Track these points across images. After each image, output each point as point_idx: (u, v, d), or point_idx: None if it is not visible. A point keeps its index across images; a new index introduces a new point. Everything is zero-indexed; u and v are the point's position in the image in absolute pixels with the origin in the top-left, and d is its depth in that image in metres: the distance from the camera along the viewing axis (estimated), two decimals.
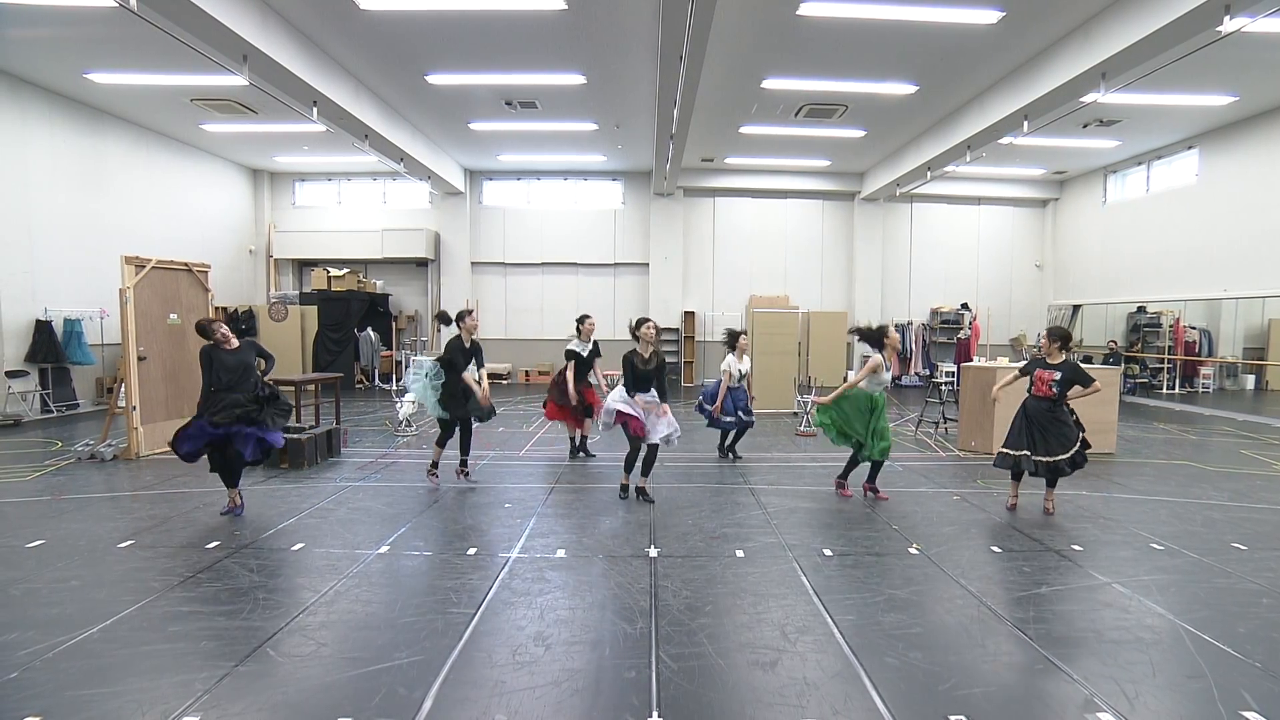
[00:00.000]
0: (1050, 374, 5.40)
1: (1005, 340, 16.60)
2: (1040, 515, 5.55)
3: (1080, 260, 15.82)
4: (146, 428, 7.55)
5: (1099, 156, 14.13)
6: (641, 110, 11.37)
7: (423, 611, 3.61)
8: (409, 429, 9.17)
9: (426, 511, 5.54)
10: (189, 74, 9.52)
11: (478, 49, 8.86)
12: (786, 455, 8.01)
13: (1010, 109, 9.57)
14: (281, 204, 16.35)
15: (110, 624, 3.44)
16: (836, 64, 9.27)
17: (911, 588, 4.01)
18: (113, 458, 7.32)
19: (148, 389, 7.59)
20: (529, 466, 7.31)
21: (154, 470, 6.90)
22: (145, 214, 12.46)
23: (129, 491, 6.09)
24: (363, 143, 11.16)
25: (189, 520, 5.22)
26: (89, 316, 10.94)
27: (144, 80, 10.01)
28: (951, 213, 16.64)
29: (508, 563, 4.36)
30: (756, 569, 4.30)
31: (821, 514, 5.61)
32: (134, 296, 7.40)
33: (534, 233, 16.32)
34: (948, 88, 10.17)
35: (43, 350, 10.26)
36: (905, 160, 13.34)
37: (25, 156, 10.23)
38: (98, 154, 11.53)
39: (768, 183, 15.85)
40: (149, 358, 7.59)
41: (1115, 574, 4.27)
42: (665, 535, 4.96)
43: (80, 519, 5.23)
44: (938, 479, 6.74)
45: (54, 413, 10.47)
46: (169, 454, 7.61)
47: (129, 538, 4.78)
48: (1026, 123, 9.76)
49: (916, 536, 4.97)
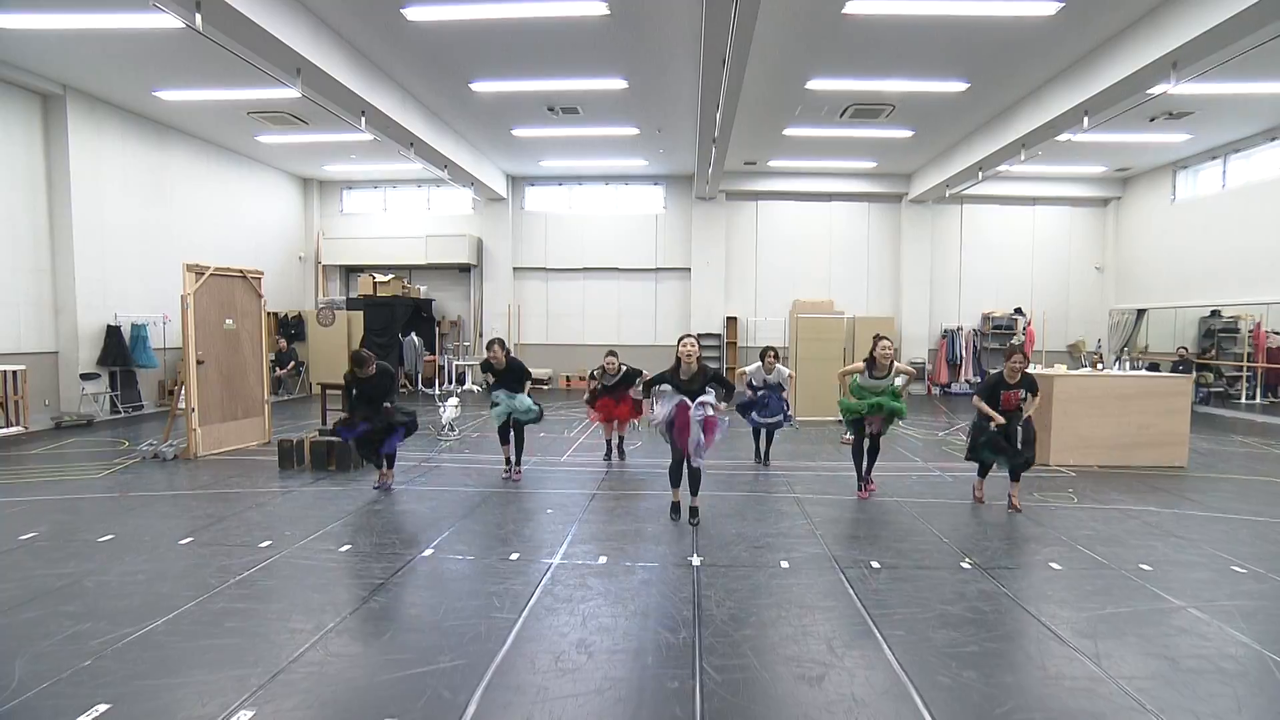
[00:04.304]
0: (1015, 393, 5.86)
1: (1062, 346, 16.01)
2: (1103, 530, 5.33)
3: (1145, 262, 15.13)
4: (204, 429, 7.87)
5: (1168, 152, 13.47)
6: (683, 114, 11.38)
7: (466, 615, 3.67)
8: (452, 434, 9.33)
9: (469, 516, 5.62)
10: (246, 88, 9.97)
11: (521, 56, 9.01)
12: (831, 464, 7.89)
13: (1069, 104, 9.22)
14: (330, 211, 16.88)
15: (173, 617, 3.60)
16: (883, 63, 9.12)
17: (965, 603, 3.89)
18: (174, 457, 7.65)
19: (205, 392, 7.92)
20: (570, 472, 7.35)
21: (210, 470, 7.18)
22: (204, 223, 13.04)
23: (188, 490, 6.35)
24: (408, 150, 11.44)
25: (243, 520, 5.42)
26: (153, 322, 11.50)
27: (206, 95, 10.49)
28: (1004, 214, 16.16)
29: (550, 568, 4.40)
30: (802, 580, 4.24)
31: (868, 524, 5.50)
32: (194, 302, 7.73)
33: (575, 238, 16.47)
34: (1001, 84, 9.88)
35: (112, 354, 10.84)
36: (955, 160, 13.02)
37: (100, 171, 10.84)
38: (163, 166, 12.14)
39: (812, 185, 15.67)
40: (206, 361, 7.92)
41: (1191, 597, 4.05)
42: (708, 544, 4.93)
43: (145, 516, 5.48)
44: (990, 491, 6.54)
45: (121, 413, 11.01)
46: (225, 454, 7.94)
47: (189, 535, 5.00)
48: (1087, 118, 9.38)
49: (969, 550, 4.84)
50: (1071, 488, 6.73)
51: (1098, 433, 7.74)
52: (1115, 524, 5.53)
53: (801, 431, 10.17)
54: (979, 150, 11.96)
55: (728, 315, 16.12)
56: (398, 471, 7.15)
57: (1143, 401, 7.75)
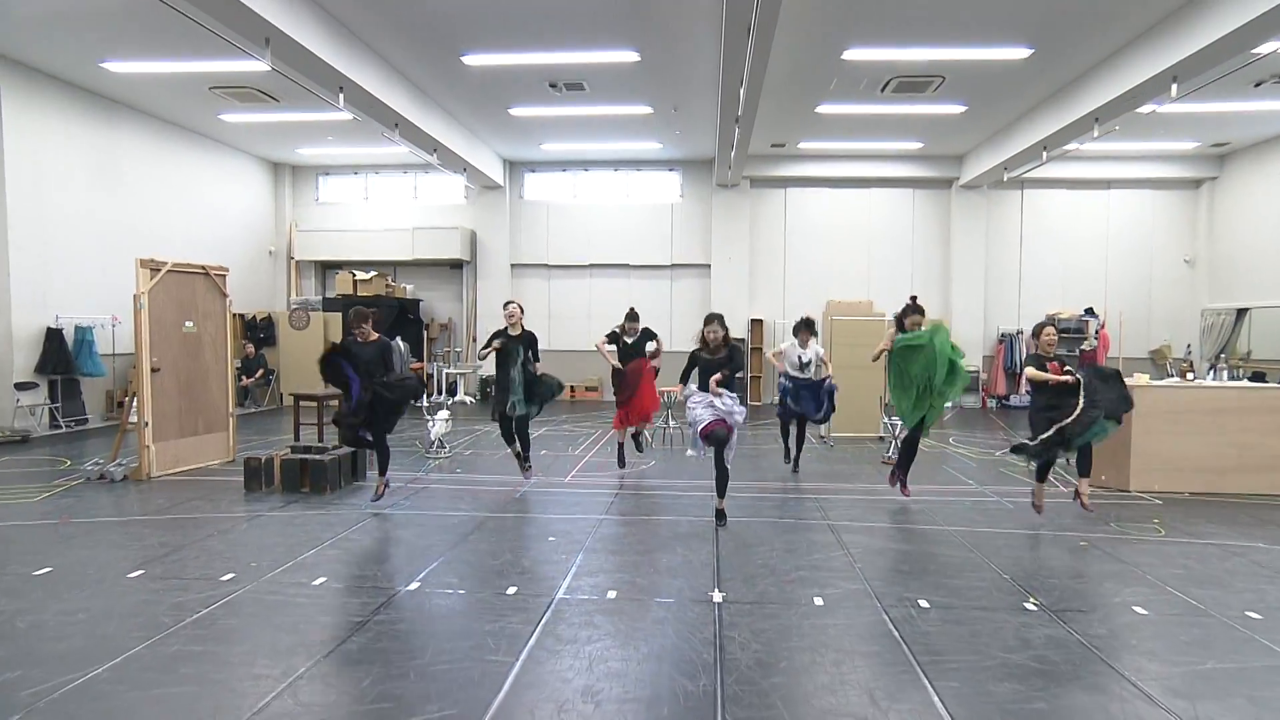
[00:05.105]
0: (1058, 364, 6.02)
1: (1144, 353, 15.77)
2: (1198, 569, 5.19)
3: (1248, 253, 14.77)
4: (159, 445, 7.92)
5: (1276, 122, 13.15)
6: (703, 91, 11.39)
7: (456, 658, 3.64)
8: (442, 450, 9.34)
9: (461, 544, 5.61)
10: (207, 60, 10.00)
11: (519, 25, 9.06)
12: (871, 486, 7.82)
13: (1154, 70, 9.02)
14: (304, 200, 17.05)
15: (120, 662, 3.59)
16: (932, 27, 9.08)
17: (1030, 651, 3.82)
18: (123, 478, 7.69)
19: (161, 403, 7.97)
20: (576, 494, 7.35)
21: (166, 493, 7.22)
22: (160, 213, 13.16)
23: (140, 516, 6.38)
24: (392, 132, 11.53)
25: (202, 549, 5.42)
26: (100, 324, 11.58)
27: (161, 68, 10.58)
28: (1073, 199, 16.03)
29: (552, 604, 4.38)
30: (839, 620, 4.20)
31: (915, 557, 5.44)
32: (148, 302, 7.80)
33: (581, 230, 16.53)
34: (1071, 48, 9.77)
35: (53, 361, 10.89)
36: (1015, 139, 12.95)
37: (39, 152, 10.90)
38: (113, 149, 12.26)
39: (848, 170, 15.64)
40: (163, 369, 7.98)
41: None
42: (731, 577, 4.90)
43: (89, 545, 5.50)
44: (1059, 519, 6.44)
45: (63, 428, 11.10)
46: (182, 474, 7.98)
47: (139, 567, 5.00)
48: (1175, 86, 9.13)
49: (1034, 588, 4.76)
50: (1157, 518, 6.60)
51: (1188, 454, 7.58)
52: (1213, 562, 5.39)
53: (837, 449, 10.10)
54: (1044, 126, 11.87)
55: (752, 318, 16.10)
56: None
57: (1244, 418, 7.58)
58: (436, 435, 9.31)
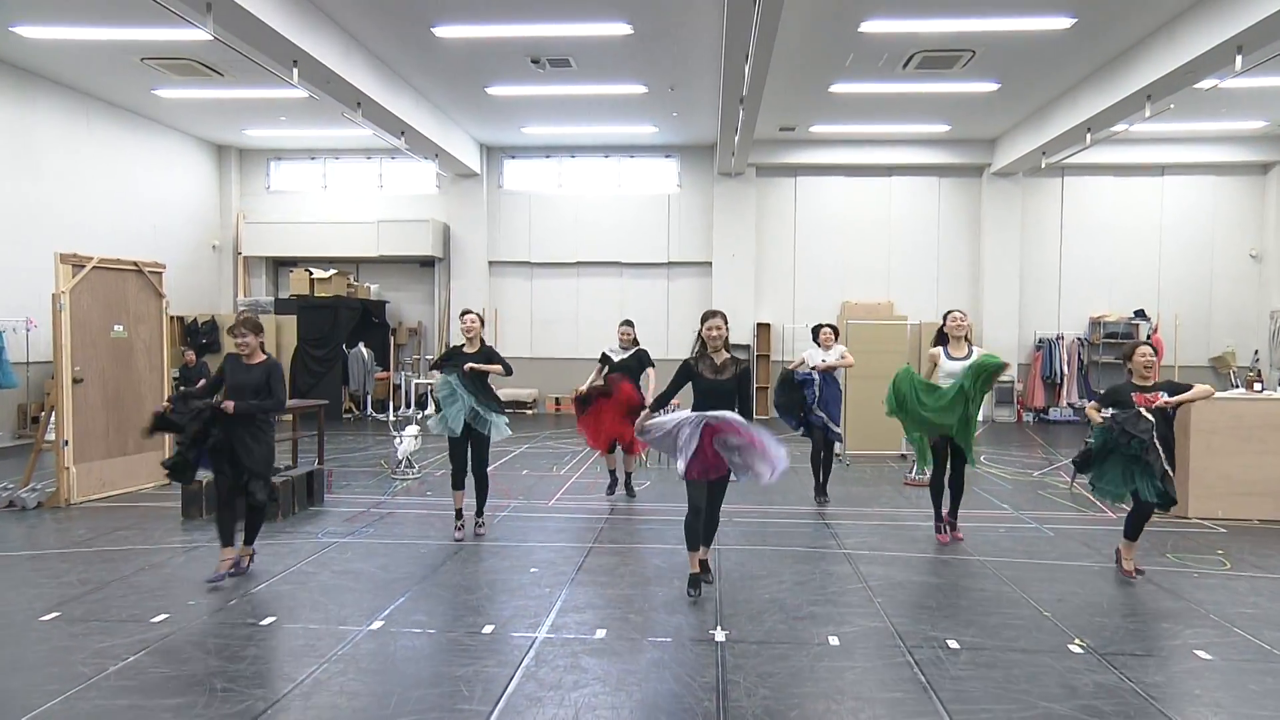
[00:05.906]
0: (1152, 396, 5.49)
1: (1204, 360, 15.83)
2: (1271, 608, 5.16)
3: None
4: (80, 468, 7.84)
5: None
6: (704, 68, 11.45)
7: (425, 707, 3.62)
8: (410, 470, 9.32)
9: (430, 577, 5.58)
10: (139, 26, 9.93)
11: None
12: (892, 510, 7.85)
13: (1216, 39, 9.03)
14: (253, 188, 17.04)
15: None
16: None
17: (1077, 701, 3.81)
18: (37, 505, 7.61)
19: (84, 419, 7.90)
20: (560, 520, 7.34)
21: (88, 522, 7.15)
22: (84, 200, 13.10)
23: (56, 549, 6.32)
24: (354, 112, 11.54)
25: (130, 586, 5.37)
26: (12, 328, 11.43)
27: (84, 34, 10.49)
28: (1121, 187, 16.14)
29: (533, 645, 4.36)
30: (857, 663, 4.20)
31: (943, 591, 5.44)
32: (70, 303, 7.74)
33: (567, 224, 16.56)
34: (1120, 17, 9.80)
35: None
36: (1055, 120, 13.04)
37: None
38: (28, 126, 12.16)
39: (866, 156, 15.75)
40: (86, 380, 7.92)
41: None
42: (735, 613, 4.89)
43: None
44: (1106, 549, 6.44)
45: None
46: (109, 500, 7.92)
47: (54, 608, 4.93)
48: (1240, 57, 9.10)
49: (1080, 629, 4.75)
50: (1221, 548, 6.60)
51: (1256, 476, 7.55)
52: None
53: (854, 468, 10.11)
54: (1087, 106, 11.97)
55: (758, 321, 16.15)
56: (336, 519, 7.14)
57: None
58: (404, 454, 9.29)
